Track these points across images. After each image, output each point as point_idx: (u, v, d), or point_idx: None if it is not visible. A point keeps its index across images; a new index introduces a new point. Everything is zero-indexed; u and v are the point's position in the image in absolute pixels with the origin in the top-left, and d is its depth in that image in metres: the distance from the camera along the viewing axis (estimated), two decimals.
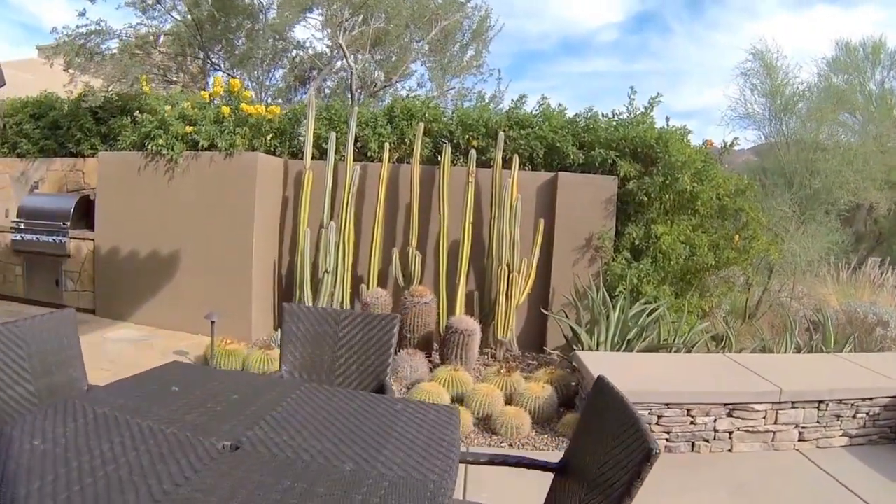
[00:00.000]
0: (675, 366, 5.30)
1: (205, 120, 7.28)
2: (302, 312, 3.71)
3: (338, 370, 3.58)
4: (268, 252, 7.62)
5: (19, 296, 9.09)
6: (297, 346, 3.63)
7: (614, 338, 5.99)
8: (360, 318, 3.65)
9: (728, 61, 29.58)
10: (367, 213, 7.52)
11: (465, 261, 6.98)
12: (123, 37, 9.96)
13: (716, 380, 4.92)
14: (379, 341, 3.55)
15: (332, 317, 3.68)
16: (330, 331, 3.64)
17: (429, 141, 7.65)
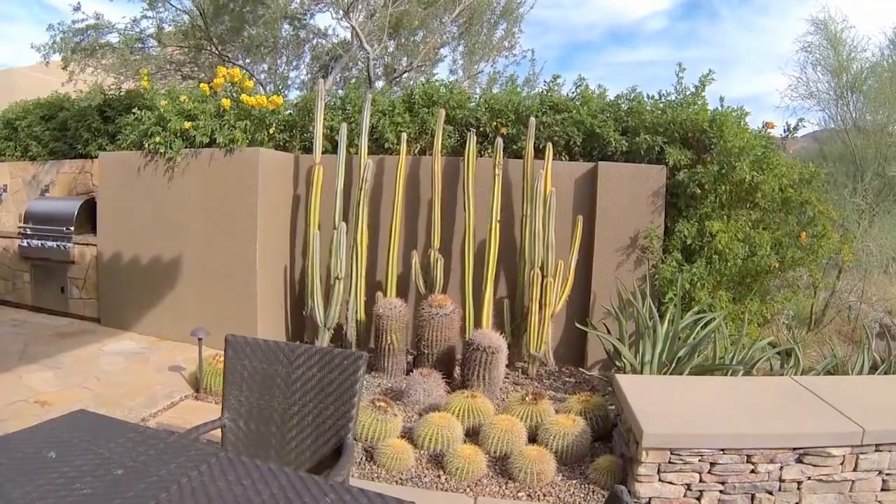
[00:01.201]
0: (733, 395, 4.28)
1: (205, 114, 6.51)
2: (248, 346, 2.98)
3: (290, 421, 2.85)
4: (277, 256, 6.92)
5: (28, 303, 8.66)
6: (242, 388, 2.93)
7: (662, 355, 5.07)
8: (318, 356, 2.88)
9: (779, 46, 27.91)
10: (385, 212, 6.74)
11: (493, 265, 6.12)
12: (122, 30, 9.25)
13: (782, 416, 3.91)
14: (340, 386, 2.79)
15: (285, 353, 2.93)
16: (282, 371, 2.90)
17: (453, 130, 6.82)
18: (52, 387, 5.39)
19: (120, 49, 8.98)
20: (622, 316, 5.62)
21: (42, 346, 6.68)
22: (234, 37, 10.46)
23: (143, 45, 9.72)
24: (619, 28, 47.70)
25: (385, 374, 5.86)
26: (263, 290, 6.57)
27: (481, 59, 11.65)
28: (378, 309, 5.84)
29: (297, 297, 7.08)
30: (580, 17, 42.49)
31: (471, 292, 6.17)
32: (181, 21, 10.17)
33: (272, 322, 6.83)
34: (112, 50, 9.01)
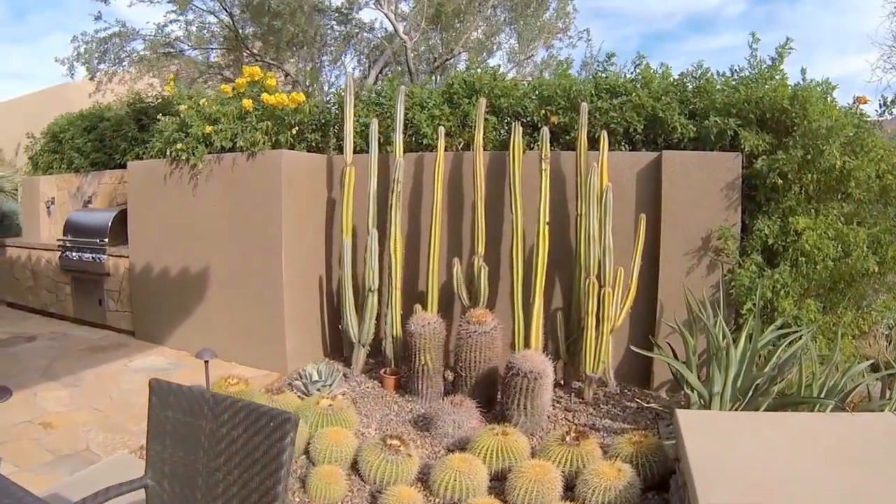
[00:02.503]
0: (824, 441, 3.28)
1: (226, 117, 6.01)
2: (172, 394, 2.42)
3: (216, 488, 2.24)
4: (310, 266, 6.38)
5: (70, 315, 8.50)
6: (166, 442, 2.38)
7: (736, 381, 4.19)
8: (244, 413, 2.25)
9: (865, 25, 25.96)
10: (425, 216, 6.08)
11: (542, 273, 5.33)
12: (149, 36, 8.82)
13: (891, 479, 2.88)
14: (266, 454, 2.15)
15: (210, 405, 2.33)
16: (206, 426, 2.31)
17: (497, 122, 6.09)
18: (63, 407, 5.13)
19: (148, 56, 8.53)
20: (690, 332, 4.77)
21: (69, 361, 6.44)
22: (271, 36, 9.92)
23: (174, 49, 9.26)
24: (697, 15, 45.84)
25: (419, 397, 5.22)
26: (292, 302, 6.05)
27: (532, 43, 10.73)
28: (410, 326, 5.17)
29: (334, 309, 6.52)
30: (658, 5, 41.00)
31: (520, 304, 5.42)
32: (207, 23, 9.71)
33: (305, 337, 6.30)
34: (140, 57, 8.57)
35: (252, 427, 2.17)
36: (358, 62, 11.70)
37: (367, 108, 6.44)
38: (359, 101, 6.47)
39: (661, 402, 5.06)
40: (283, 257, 5.88)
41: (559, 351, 5.41)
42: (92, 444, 4.38)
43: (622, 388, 5.44)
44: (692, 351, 4.62)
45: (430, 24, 10.15)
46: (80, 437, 4.48)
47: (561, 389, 5.38)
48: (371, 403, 5.21)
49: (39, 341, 7.39)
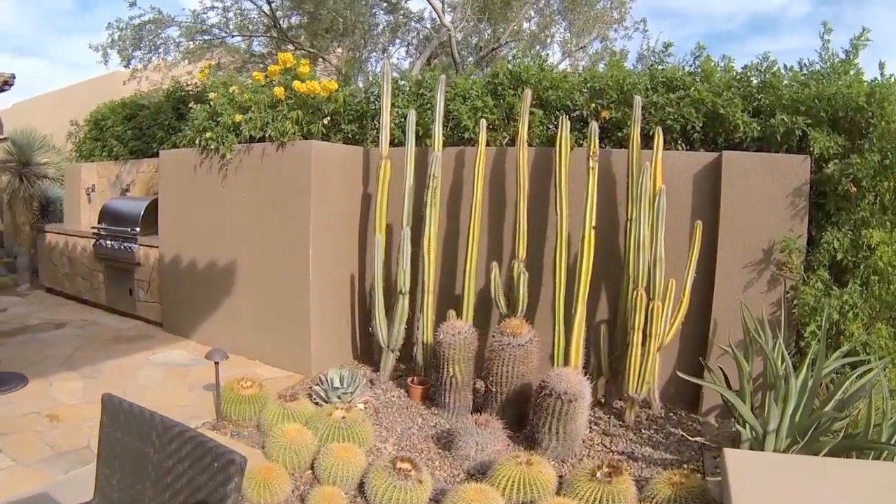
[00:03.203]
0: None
1: (258, 105, 5.75)
2: (123, 413, 2.17)
3: None
4: (342, 264, 6.12)
5: (102, 303, 8.47)
6: (115, 467, 2.13)
7: (795, 417, 3.71)
8: (191, 446, 1.94)
9: None
10: (464, 215, 5.73)
11: (585, 282, 4.91)
12: (184, 23, 8.63)
13: None
14: (210, 497, 1.83)
15: (159, 431, 2.05)
16: (154, 455, 2.02)
17: (545, 115, 5.67)
18: (74, 399, 5.02)
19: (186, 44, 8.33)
20: (745, 356, 4.28)
21: (92, 351, 6.36)
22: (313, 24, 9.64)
23: (210, 36, 9.05)
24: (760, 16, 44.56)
25: (445, 411, 4.88)
26: (319, 302, 5.79)
27: (585, 34, 10.21)
28: (440, 334, 4.83)
29: (366, 311, 6.22)
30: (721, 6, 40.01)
31: (561, 315, 5.02)
32: (245, 9, 9.49)
33: (333, 339, 6.05)
34: (176, 44, 8.38)
35: (197, 464, 1.88)
36: (406, 53, 11.39)
37: (406, 99, 6.13)
38: (399, 92, 6.16)
39: (708, 431, 4.62)
40: (310, 253, 5.62)
41: (601, 367, 5.00)
42: (93, 442, 4.12)
43: (667, 411, 5.00)
44: (747, 378, 4.14)
45: (479, 14, 9.74)
46: (84, 433, 4.31)
47: (600, 409, 4.97)
48: (394, 414, 4.90)
49: (68, 328, 7.35)
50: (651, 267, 4.63)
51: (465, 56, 10.05)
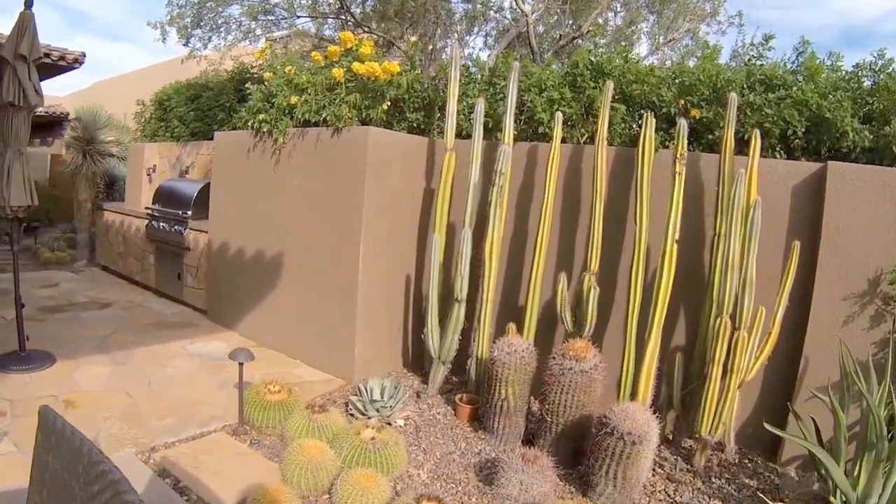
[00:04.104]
0: None
1: (315, 87, 5.44)
2: (55, 434, 1.77)
3: None
4: (396, 262, 5.74)
5: (152, 285, 8.42)
6: (43, 494, 1.78)
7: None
8: (111, 492, 1.46)
9: None
10: (533, 218, 5.23)
11: (663, 303, 4.33)
12: (247, 1, 8.36)
13: None
14: None
15: (85, 463, 1.59)
16: (77, 491, 1.58)
17: (628, 112, 5.11)
18: (97, 385, 4.82)
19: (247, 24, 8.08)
20: (841, 403, 3.66)
21: (129, 335, 6.21)
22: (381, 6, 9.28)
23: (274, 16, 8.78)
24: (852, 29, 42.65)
25: (493, 436, 4.38)
26: (369, 303, 5.42)
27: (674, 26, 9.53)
28: (494, 350, 4.35)
29: (421, 316, 5.77)
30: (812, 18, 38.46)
31: (632, 338, 4.47)
32: None
33: (381, 343, 5.68)
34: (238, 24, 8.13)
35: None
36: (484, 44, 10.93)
37: (477, 88, 5.72)
38: (470, 80, 5.75)
39: (788, 485, 4.00)
40: (360, 250, 5.25)
41: (672, 400, 4.44)
42: (101, 436, 3.95)
43: (742, 457, 4.39)
44: (843, 434, 3.50)
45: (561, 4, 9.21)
46: (95, 424, 4.08)
47: (667, 448, 4.41)
48: (437, 435, 4.46)
49: (112, 309, 7.27)
50: (739, 291, 4.04)
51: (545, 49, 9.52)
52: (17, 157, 4.63)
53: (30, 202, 4.75)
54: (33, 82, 4.63)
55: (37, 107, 4.70)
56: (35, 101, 4.63)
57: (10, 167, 4.60)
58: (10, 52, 4.58)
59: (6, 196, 4.61)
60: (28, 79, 4.58)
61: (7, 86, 4.57)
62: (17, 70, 4.55)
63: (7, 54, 4.59)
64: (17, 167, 4.63)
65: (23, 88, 4.57)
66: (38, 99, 4.67)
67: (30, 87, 4.60)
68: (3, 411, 4.17)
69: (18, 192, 4.64)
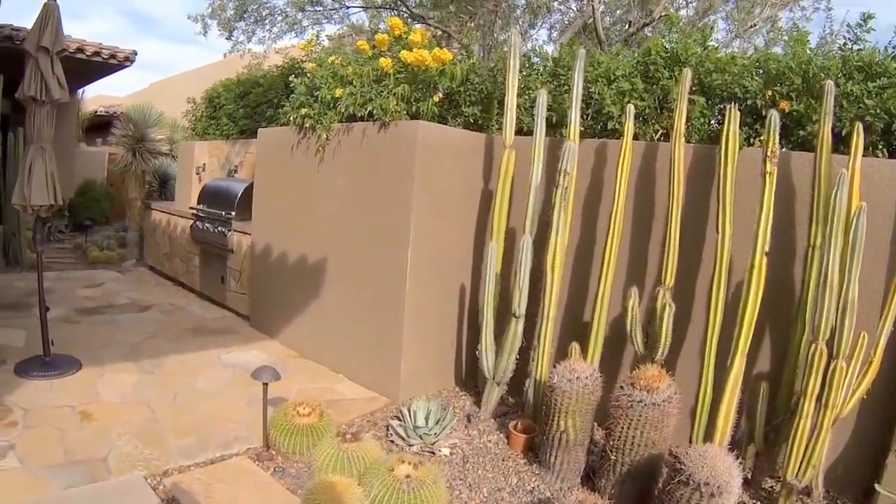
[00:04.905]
0: None
1: (361, 79, 5.14)
2: None
3: None
4: (448, 270, 5.36)
5: (196, 288, 8.31)
6: None
7: None
8: None
9: None
10: (600, 223, 4.79)
11: (748, 326, 3.79)
12: None
13: None
14: None
15: None
16: None
17: (707, 105, 4.60)
18: (118, 397, 4.61)
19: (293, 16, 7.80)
20: None
21: (164, 341, 6.05)
22: None
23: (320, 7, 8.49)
24: None
25: (549, 472, 3.93)
26: (417, 314, 5.06)
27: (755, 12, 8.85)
28: (553, 376, 3.89)
29: (476, 330, 5.35)
30: None
31: (710, 364, 3.98)
32: None
33: (432, 360, 5.30)
34: (283, 16, 7.88)
35: None
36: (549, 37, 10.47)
37: (539, 80, 5.29)
38: (531, 71, 5.34)
39: None
40: (408, 256, 4.89)
41: (753, 435, 3.91)
42: (112, 455, 3.71)
43: (830, 502, 3.84)
44: None
45: None
46: (108, 441, 3.86)
47: (745, 489, 3.85)
48: (486, 467, 4.03)
49: (151, 312, 7.16)
50: (837, 313, 3.52)
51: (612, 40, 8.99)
52: (40, 154, 4.46)
53: (52, 201, 4.58)
54: (57, 75, 4.49)
55: (60, 101, 4.54)
56: (58, 94, 4.47)
57: (32, 164, 4.42)
58: (33, 45, 4.45)
59: (27, 195, 4.42)
60: (51, 72, 4.44)
61: (29, 80, 4.45)
62: (39, 63, 4.41)
63: (29, 47, 4.47)
64: (39, 164, 4.45)
65: (45, 82, 4.43)
66: (62, 92, 4.51)
67: (53, 81, 4.45)
68: (15, 421, 4.00)
69: (40, 191, 4.47)
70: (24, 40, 4.72)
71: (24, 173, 4.43)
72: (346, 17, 9.21)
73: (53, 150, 4.57)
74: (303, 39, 8.41)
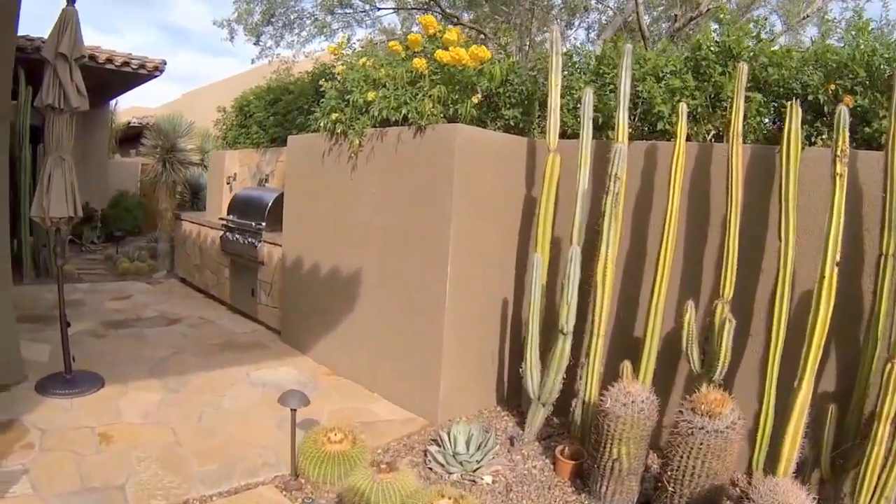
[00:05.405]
0: None
1: (394, 81, 4.94)
2: None
3: None
4: (489, 283, 5.09)
5: (226, 300, 8.16)
6: None
7: None
8: None
9: None
10: (652, 231, 4.48)
11: (817, 344, 3.46)
12: None
13: None
14: None
15: None
16: None
17: (763, 102, 4.25)
18: (139, 417, 4.44)
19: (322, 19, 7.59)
20: None
21: (191, 356, 5.90)
22: None
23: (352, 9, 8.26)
24: None
25: (600, 502, 3.61)
26: (458, 330, 4.80)
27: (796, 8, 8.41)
28: (606, 400, 3.62)
29: (519, 345, 5.13)
30: None
31: (773, 385, 3.66)
32: None
33: (472, 378, 5.05)
34: (312, 19, 7.67)
35: None
36: (587, 37, 10.13)
37: (582, 80, 5.02)
38: (574, 69, 5.07)
39: None
40: (448, 270, 4.65)
41: (820, 461, 3.59)
42: (130, 483, 3.53)
43: None
44: None
45: None
46: (127, 467, 3.68)
47: None
48: (531, 497, 3.76)
49: (180, 326, 7.04)
50: None
51: (654, 37, 8.63)
52: (59, 165, 4.33)
53: (72, 213, 4.44)
54: (76, 83, 4.38)
55: (79, 109, 4.39)
56: (77, 102, 4.35)
57: (51, 175, 4.26)
58: (51, 52, 4.35)
59: (45, 206, 4.25)
60: (70, 79, 4.33)
61: (47, 88, 4.35)
62: (57, 70, 4.29)
63: (47, 54, 4.37)
64: (58, 175, 4.32)
65: (64, 90, 4.32)
66: (81, 100, 4.38)
67: (71, 89, 4.34)
68: (32, 443, 3.85)
69: (59, 203, 4.34)
70: None
71: (42, 185, 4.31)
72: (377, 22, 9.02)
73: (73, 161, 4.46)
74: (332, 43, 8.18)
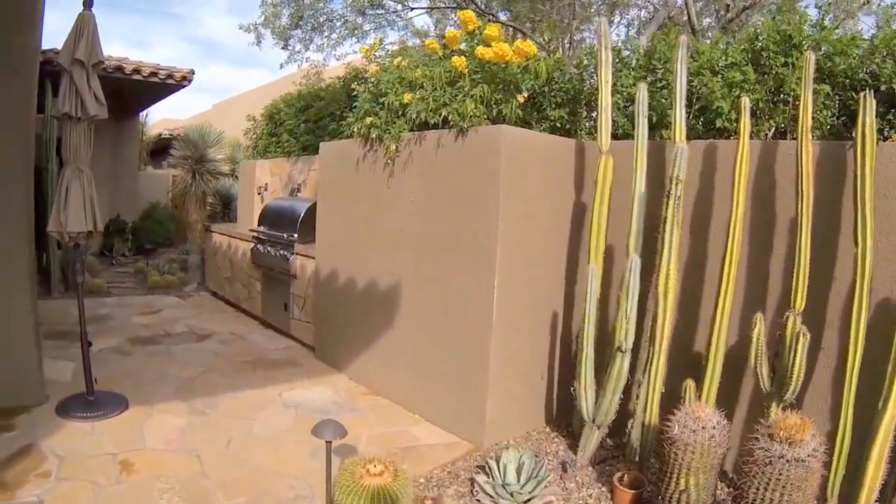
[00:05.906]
0: None
1: (432, 81, 4.70)
2: None
3: None
4: (538, 297, 4.79)
5: (258, 315, 7.96)
6: None
7: None
8: None
9: None
10: (713, 238, 4.16)
11: None
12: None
13: None
14: None
15: None
16: None
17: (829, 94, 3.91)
18: (165, 443, 4.22)
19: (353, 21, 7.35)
20: None
21: (220, 375, 5.70)
22: None
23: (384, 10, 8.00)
24: None
25: None
26: (505, 347, 4.51)
27: None
28: (673, 426, 3.30)
29: (570, 362, 4.88)
30: None
31: (850, 405, 3.33)
32: None
33: (521, 397, 4.75)
34: (343, 21, 7.43)
35: None
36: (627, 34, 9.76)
37: (632, 76, 4.73)
38: (623, 65, 4.76)
39: None
40: (495, 280, 4.37)
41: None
42: None
43: None
44: None
45: None
46: (147, 499, 3.47)
47: None
48: None
49: (209, 342, 6.85)
50: None
51: (706, 29, 8.25)
52: (77, 177, 4.17)
53: (91, 228, 4.25)
54: (93, 90, 4.24)
55: (97, 117, 4.21)
56: (94, 110, 4.20)
57: (69, 188, 4.06)
58: (67, 58, 4.20)
59: (63, 221, 4.03)
60: (87, 87, 4.18)
61: (64, 96, 4.20)
62: (73, 77, 4.15)
63: (63, 61, 4.23)
64: (76, 187, 4.14)
65: (81, 98, 4.17)
66: (99, 108, 4.24)
67: (88, 96, 4.20)
68: (49, 471, 3.67)
69: (77, 217, 4.17)
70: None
71: (59, 198, 4.16)
72: (409, 24, 8.77)
73: (92, 173, 4.29)
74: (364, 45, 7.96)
